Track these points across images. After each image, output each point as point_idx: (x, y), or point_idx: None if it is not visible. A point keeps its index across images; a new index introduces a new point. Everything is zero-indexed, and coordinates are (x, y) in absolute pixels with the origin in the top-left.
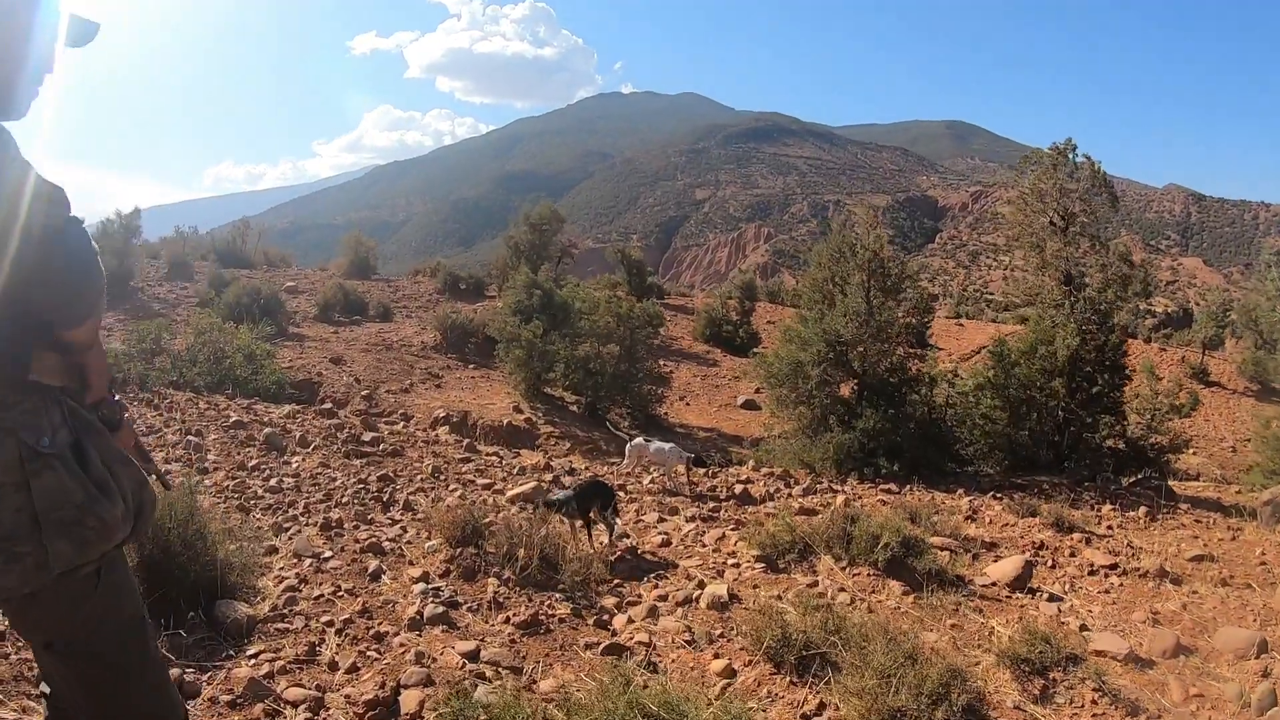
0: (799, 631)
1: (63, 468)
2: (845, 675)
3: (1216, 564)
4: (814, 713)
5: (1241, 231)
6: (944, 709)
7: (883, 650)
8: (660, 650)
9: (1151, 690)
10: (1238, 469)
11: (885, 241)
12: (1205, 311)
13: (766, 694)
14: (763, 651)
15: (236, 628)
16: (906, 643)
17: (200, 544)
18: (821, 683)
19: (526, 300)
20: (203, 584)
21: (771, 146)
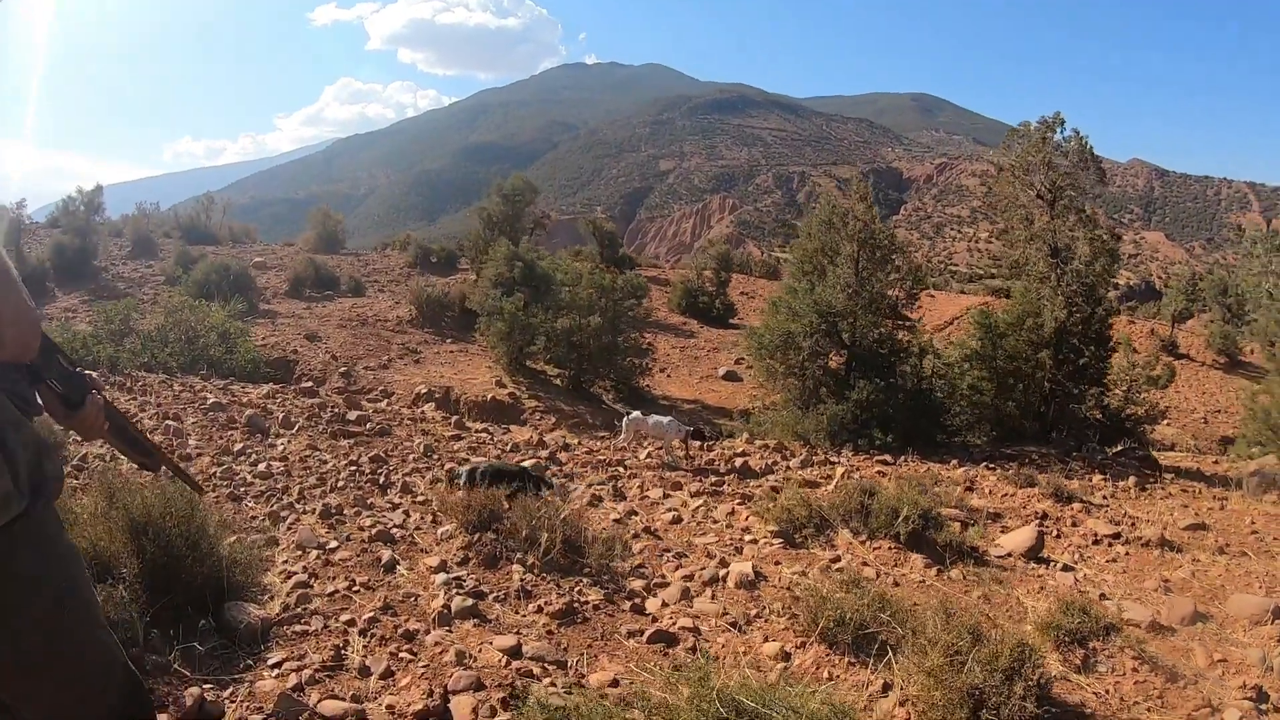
0: (854, 610)
1: None
2: (909, 654)
3: (1211, 533)
4: (880, 693)
5: (1204, 207)
6: (1020, 684)
7: (941, 627)
8: (705, 635)
9: (1178, 656)
10: (1210, 439)
11: (876, 213)
12: (1175, 285)
13: (828, 676)
14: (818, 633)
15: (250, 633)
16: (969, 619)
17: (204, 543)
18: (881, 663)
19: (508, 272)
20: (209, 585)
21: (736, 118)
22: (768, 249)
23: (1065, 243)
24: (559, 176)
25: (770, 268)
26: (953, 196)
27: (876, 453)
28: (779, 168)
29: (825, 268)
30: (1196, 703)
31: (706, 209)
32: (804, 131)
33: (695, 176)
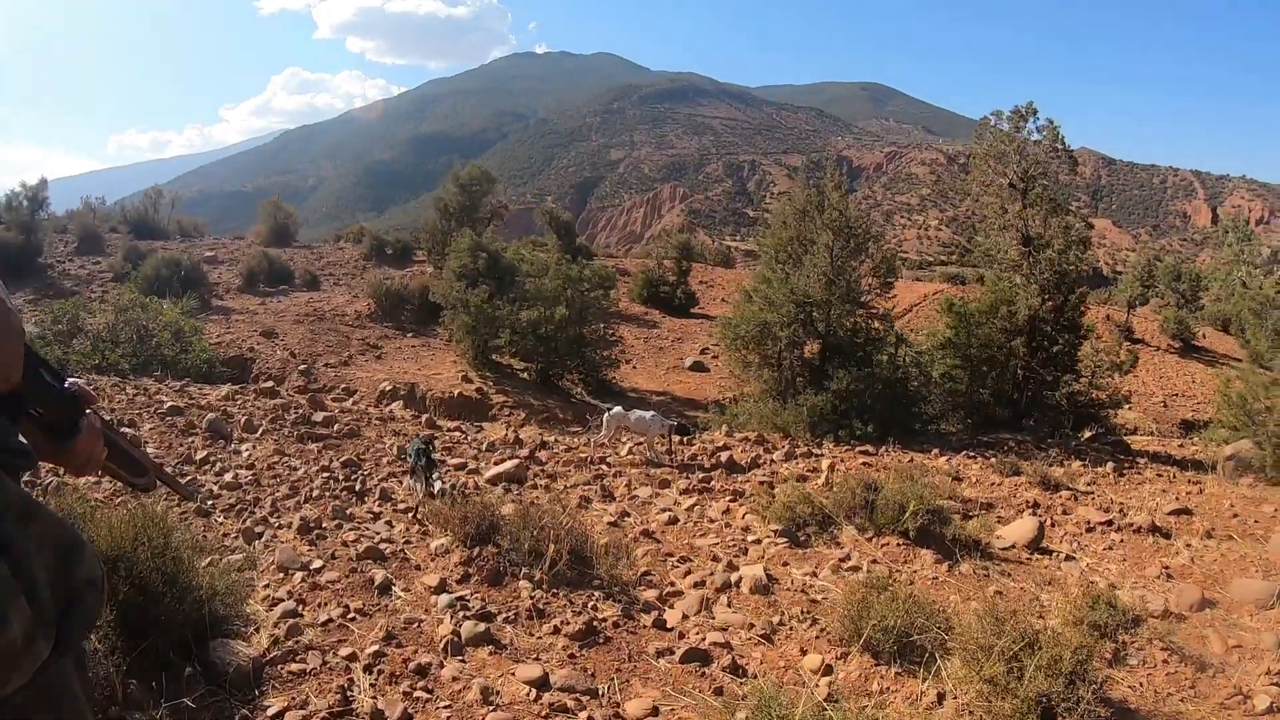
0: (896, 617)
1: None
2: (958, 661)
3: (1195, 517)
4: (935, 704)
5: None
6: (1085, 688)
7: (991, 631)
8: (738, 650)
9: (1195, 644)
10: (1170, 423)
11: (849, 201)
12: (1130, 272)
13: (877, 689)
14: (861, 642)
15: (242, 676)
16: (1021, 624)
17: (182, 575)
18: (930, 672)
19: (472, 264)
20: (190, 623)
21: (687, 107)
22: (719, 238)
23: (1038, 231)
24: (509, 167)
25: (724, 256)
26: (903, 185)
27: (857, 443)
28: (729, 156)
29: (800, 257)
30: (1228, 691)
31: (657, 198)
32: (754, 120)
33: (646, 166)
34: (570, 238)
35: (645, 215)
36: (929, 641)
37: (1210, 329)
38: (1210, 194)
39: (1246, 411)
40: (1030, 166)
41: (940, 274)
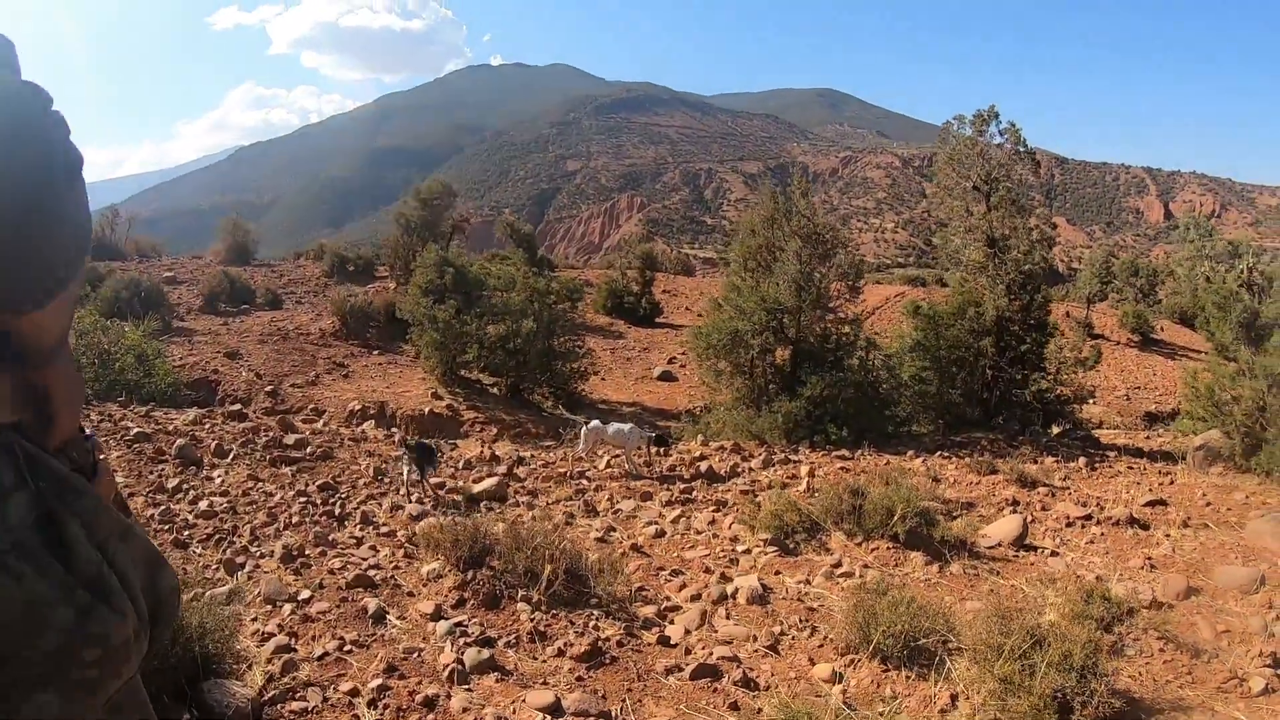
0: (903, 621)
1: (26, 566)
2: (968, 662)
3: (1170, 508)
4: (949, 706)
5: (1103, 192)
6: (1098, 682)
7: (999, 631)
8: (746, 662)
9: (1186, 631)
10: (1134, 415)
11: (815, 208)
12: (1088, 268)
13: (890, 693)
14: (870, 648)
15: (241, 719)
16: (1027, 621)
17: None
18: (940, 674)
19: (438, 279)
20: (184, 664)
21: (643, 116)
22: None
23: (1002, 233)
24: (466, 179)
25: (684, 264)
26: (858, 189)
27: (833, 448)
28: (686, 165)
29: (769, 264)
30: (1224, 675)
31: (615, 208)
32: (711, 128)
33: (603, 176)
34: (533, 250)
35: (603, 225)
36: (935, 644)
37: (1168, 322)
38: (1162, 190)
39: (1214, 402)
40: (993, 169)
41: (900, 276)
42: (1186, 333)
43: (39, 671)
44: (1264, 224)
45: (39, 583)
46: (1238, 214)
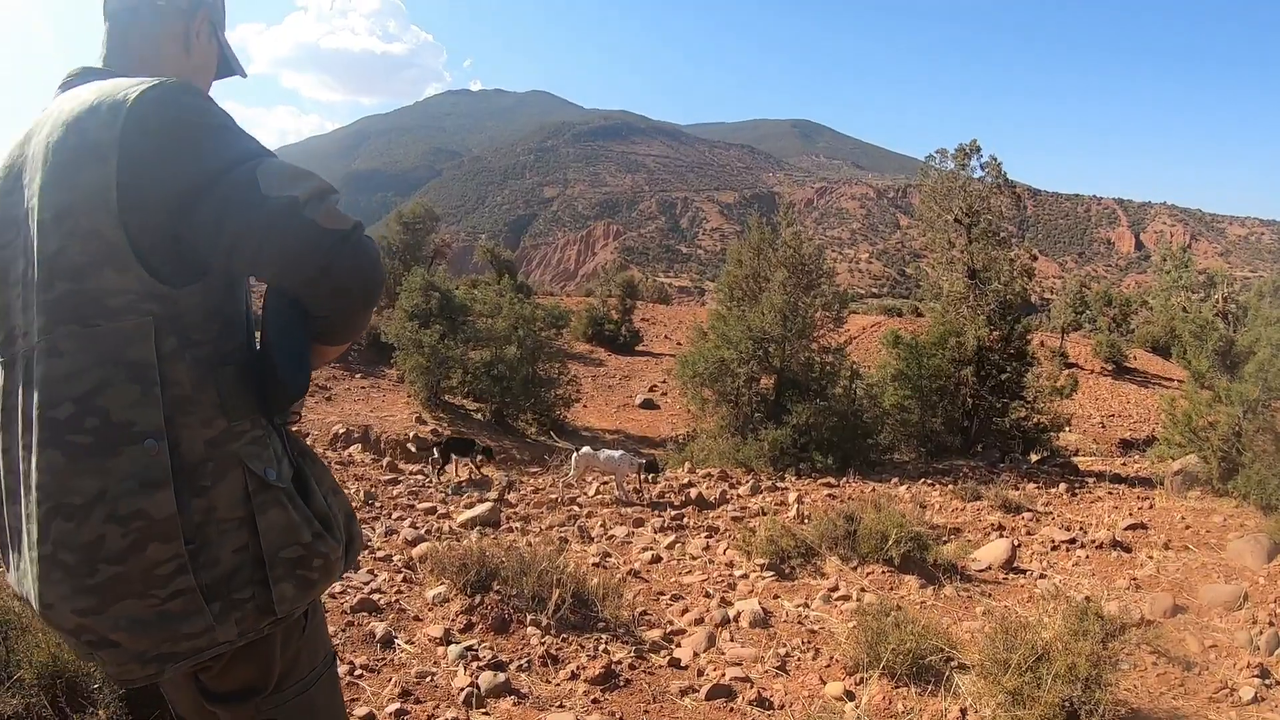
0: (912, 640)
1: (289, 502)
2: (974, 678)
3: (1151, 531)
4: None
5: (1075, 223)
6: (1103, 691)
7: (1003, 647)
8: (758, 683)
9: (1176, 647)
10: (1109, 442)
11: (803, 239)
12: (1062, 299)
13: (903, 709)
14: (881, 667)
15: None
16: (1031, 637)
17: None
18: (949, 690)
19: (424, 303)
20: None
21: (620, 144)
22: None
23: (983, 264)
24: (443, 204)
25: (662, 292)
26: (833, 219)
27: (819, 476)
28: (662, 193)
29: (755, 293)
30: (1215, 686)
31: (590, 235)
32: (687, 158)
33: (579, 203)
34: (513, 276)
35: (579, 252)
36: (939, 662)
37: (1141, 351)
38: (1133, 221)
39: (1191, 428)
40: (974, 202)
41: (876, 306)
42: (1159, 361)
43: (285, 557)
44: (1234, 254)
45: (297, 513)
46: (1208, 244)
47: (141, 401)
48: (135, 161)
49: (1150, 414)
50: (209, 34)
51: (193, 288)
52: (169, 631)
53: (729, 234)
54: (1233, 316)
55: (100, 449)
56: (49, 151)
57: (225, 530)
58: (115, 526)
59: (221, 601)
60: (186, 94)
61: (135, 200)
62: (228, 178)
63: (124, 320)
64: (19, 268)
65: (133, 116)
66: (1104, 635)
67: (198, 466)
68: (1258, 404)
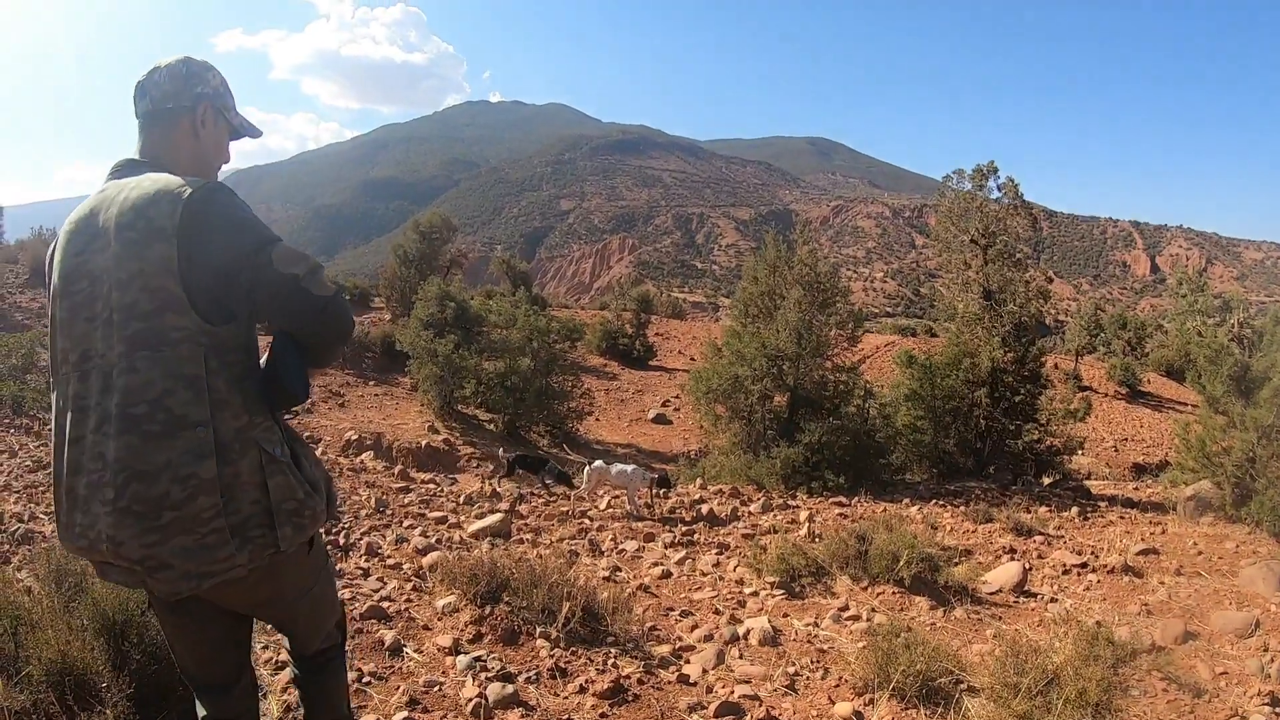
0: (922, 661)
1: (287, 472)
2: (984, 700)
3: (1163, 556)
4: None
5: (1091, 245)
6: (1114, 718)
7: (1014, 670)
8: (767, 701)
9: (1186, 673)
10: (1122, 467)
11: (819, 256)
12: (1077, 321)
13: None
14: (890, 687)
15: None
16: (1041, 661)
17: None
18: (959, 713)
19: (439, 313)
20: None
21: (637, 159)
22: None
23: (999, 285)
24: (459, 214)
25: (676, 307)
26: (848, 238)
27: (830, 495)
28: (678, 209)
29: (771, 311)
30: (1225, 713)
31: (606, 249)
32: (703, 173)
33: (595, 216)
34: (528, 288)
35: (594, 266)
36: (949, 684)
37: (1155, 375)
38: (1149, 244)
39: (1205, 454)
40: (991, 223)
41: (890, 326)
42: (1174, 385)
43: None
44: (1250, 278)
45: (294, 478)
46: (1224, 268)
47: (194, 402)
48: (189, 243)
49: (1164, 438)
50: (214, 118)
51: (227, 326)
52: (207, 557)
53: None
54: (1248, 341)
55: (166, 434)
56: (121, 229)
57: (246, 489)
58: (177, 485)
59: (240, 538)
60: (221, 193)
61: (190, 268)
62: (254, 259)
63: (182, 348)
64: (95, 308)
65: (187, 211)
66: (1115, 661)
67: (229, 445)
68: (1272, 430)
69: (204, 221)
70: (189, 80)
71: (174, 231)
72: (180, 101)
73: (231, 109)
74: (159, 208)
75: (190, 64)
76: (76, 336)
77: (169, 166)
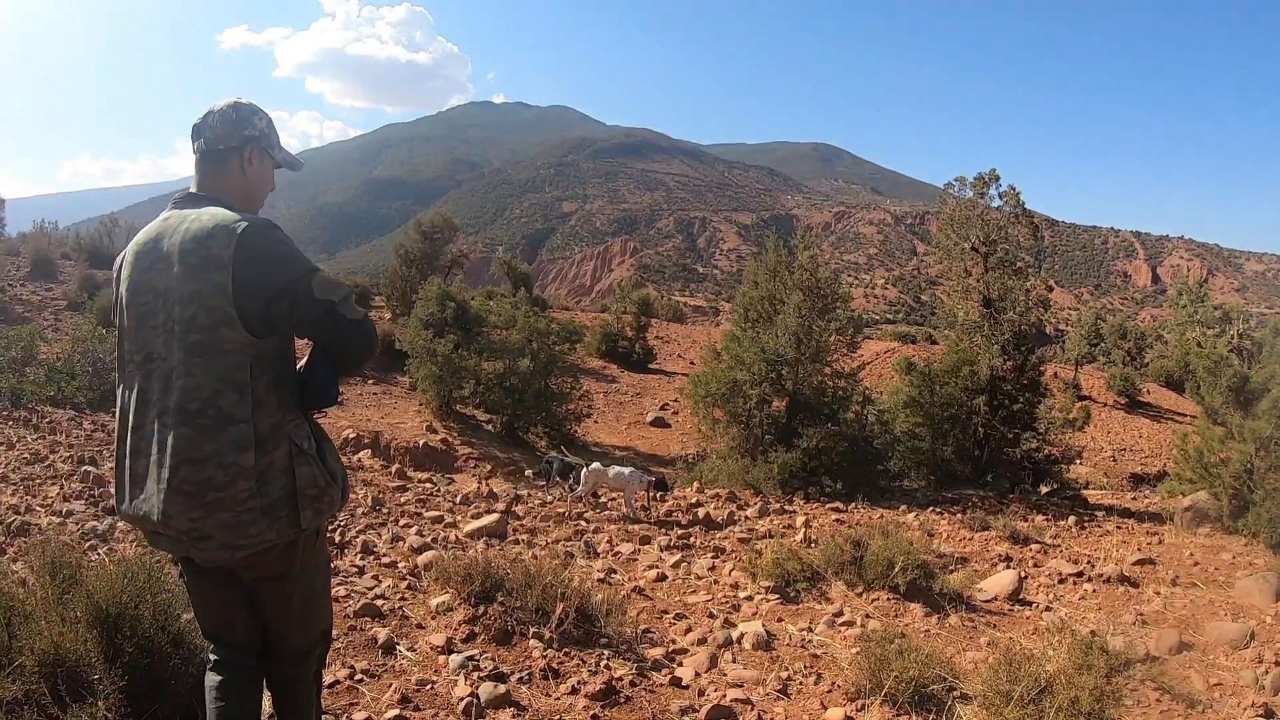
0: (915, 667)
1: (313, 463)
2: (981, 709)
3: (1159, 566)
4: None
5: (1092, 255)
6: None
7: (1006, 678)
8: (759, 705)
9: (1180, 684)
10: (1120, 476)
11: (820, 262)
12: (1077, 331)
13: None
14: (883, 694)
15: None
16: (1035, 669)
17: (189, 636)
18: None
19: (439, 313)
20: (195, 688)
21: (640, 162)
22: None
23: (999, 293)
24: (462, 215)
25: (676, 311)
26: (850, 244)
27: (827, 500)
28: (681, 212)
29: (770, 315)
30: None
31: (608, 252)
32: (706, 177)
33: (597, 219)
34: (529, 289)
35: (595, 268)
36: (942, 691)
37: (1155, 385)
38: (1150, 254)
39: (1203, 464)
40: (992, 231)
41: (890, 332)
42: (1173, 396)
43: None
44: (1251, 289)
45: (318, 469)
46: (1225, 279)
47: (239, 402)
48: (242, 272)
49: (1162, 449)
50: (260, 157)
51: (269, 339)
52: (242, 531)
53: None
54: (1247, 352)
55: (215, 428)
56: (184, 255)
57: (277, 475)
58: (220, 471)
59: (270, 517)
60: (270, 229)
61: (241, 292)
62: (296, 286)
63: (231, 358)
64: (159, 319)
65: (241, 244)
66: (1108, 670)
67: (266, 439)
68: (1270, 441)
69: (254, 254)
70: (238, 124)
71: (229, 261)
72: (230, 143)
73: (276, 146)
74: (216, 240)
75: (239, 109)
76: (141, 341)
77: (221, 199)
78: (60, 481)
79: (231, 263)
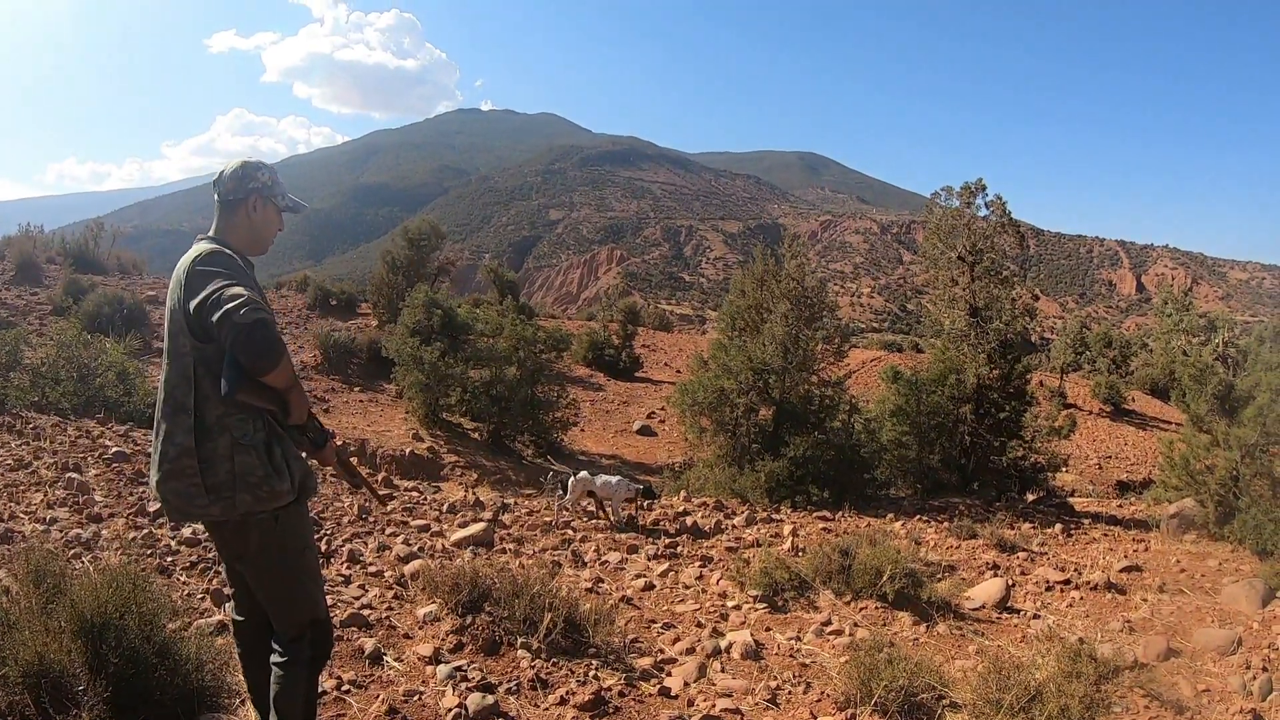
0: (905, 676)
1: (254, 454)
2: (971, 717)
3: (1146, 573)
4: None
5: (1077, 264)
6: None
7: (996, 686)
8: (749, 716)
9: (1168, 690)
10: (1106, 484)
11: (807, 271)
12: (1062, 339)
13: None
14: (873, 703)
15: None
16: (1024, 678)
17: (174, 646)
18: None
19: (426, 320)
20: (181, 698)
21: (627, 170)
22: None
23: (985, 302)
24: (448, 222)
25: (663, 319)
26: (836, 253)
27: (814, 509)
28: (667, 221)
29: (758, 324)
30: None
31: (594, 260)
32: (693, 186)
33: (584, 227)
34: (515, 297)
35: (582, 276)
36: (931, 700)
37: (1140, 393)
38: (1135, 263)
39: (1189, 471)
40: (978, 240)
41: (876, 341)
42: (1158, 404)
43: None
44: (1235, 298)
45: (258, 459)
46: (1209, 288)
47: (188, 395)
48: (186, 289)
49: (1148, 456)
50: (262, 204)
51: (210, 345)
52: (190, 502)
53: (732, 263)
54: (1232, 360)
55: (175, 415)
56: (176, 278)
57: (221, 461)
58: (174, 448)
59: (214, 495)
60: (213, 255)
61: (186, 307)
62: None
63: (186, 359)
64: (168, 328)
65: (188, 268)
66: (1097, 677)
67: (211, 428)
68: (1256, 449)
69: (193, 275)
70: (244, 179)
71: (183, 282)
72: (238, 195)
73: (279, 194)
74: (184, 265)
75: (247, 166)
76: (166, 345)
77: (230, 238)
78: (44, 488)
79: (184, 283)
